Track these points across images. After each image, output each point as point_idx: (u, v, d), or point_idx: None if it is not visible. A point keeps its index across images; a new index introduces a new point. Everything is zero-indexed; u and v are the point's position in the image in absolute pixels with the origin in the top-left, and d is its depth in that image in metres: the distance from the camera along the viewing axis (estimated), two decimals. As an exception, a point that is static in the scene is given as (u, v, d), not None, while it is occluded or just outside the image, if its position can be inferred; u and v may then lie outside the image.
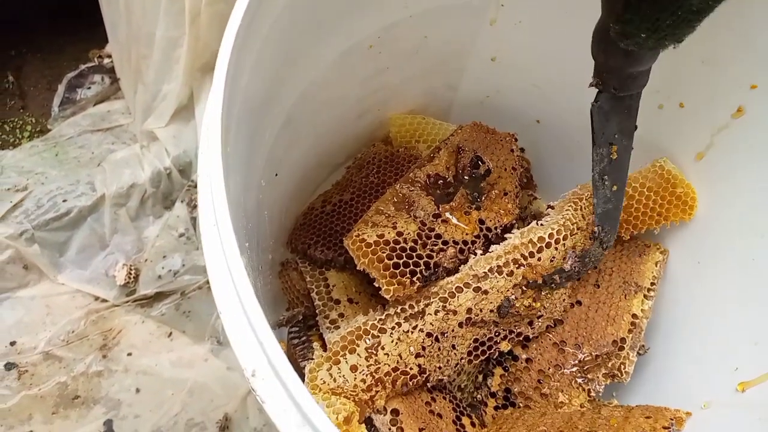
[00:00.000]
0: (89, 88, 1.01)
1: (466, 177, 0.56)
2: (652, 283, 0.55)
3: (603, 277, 0.56)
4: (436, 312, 0.48)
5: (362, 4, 0.53)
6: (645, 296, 0.55)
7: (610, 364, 0.52)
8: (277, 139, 0.51)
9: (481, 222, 0.53)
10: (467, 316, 0.48)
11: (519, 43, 0.61)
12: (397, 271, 0.48)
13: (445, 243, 0.51)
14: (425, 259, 0.49)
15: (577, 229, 0.52)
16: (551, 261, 0.50)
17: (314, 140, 0.61)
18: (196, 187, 0.85)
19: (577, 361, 0.52)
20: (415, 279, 0.48)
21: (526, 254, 0.49)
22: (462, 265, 0.50)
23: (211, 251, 0.35)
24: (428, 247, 0.49)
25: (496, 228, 0.53)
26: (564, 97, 0.62)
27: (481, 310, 0.48)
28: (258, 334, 0.30)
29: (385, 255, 0.48)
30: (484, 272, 0.48)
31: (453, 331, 0.48)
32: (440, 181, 0.56)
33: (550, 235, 0.50)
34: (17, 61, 1.02)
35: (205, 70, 0.87)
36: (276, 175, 0.54)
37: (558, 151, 0.65)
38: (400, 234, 0.50)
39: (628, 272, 0.56)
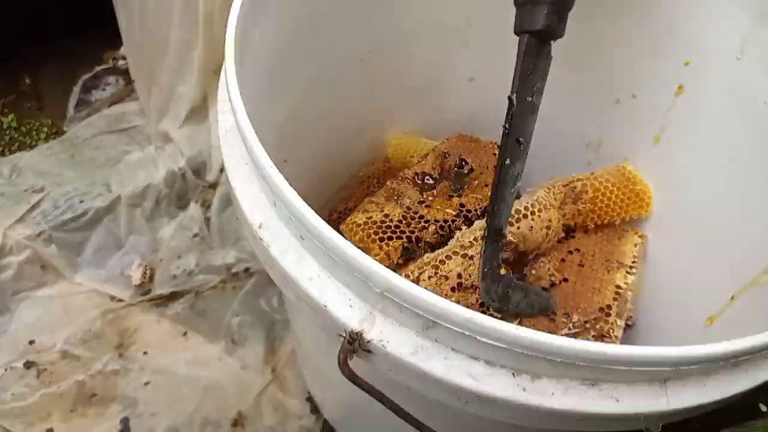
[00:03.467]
0: (104, 89, 1.02)
1: (451, 174, 0.61)
2: (633, 261, 0.59)
3: (586, 258, 0.59)
4: (429, 277, 0.50)
5: (351, 17, 0.56)
6: (627, 272, 0.58)
7: (598, 326, 0.54)
8: (284, 129, 0.53)
9: (462, 206, 0.58)
10: (458, 281, 0.50)
11: (492, 62, 0.63)
12: (383, 243, 0.53)
13: (426, 222, 0.56)
14: (408, 234, 0.54)
15: (550, 205, 0.56)
16: (530, 230, 0.54)
17: (317, 152, 0.63)
18: (210, 187, 0.86)
19: (566, 330, 0.54)
20: (398, 245, 0.53)
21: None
22: (448, 242, 0.54)
23: (226, 137, 0.37)
24: (411, 226, 0.55)
25: (475, 210, 0.58)
26: (541, 113, 0.65)
27: (470, 276, 0.51)
28: (262, 169, 0.31)
29: (372, 231, 0.53)
30: (469, 242, 0.52)
31: (446, 295, 0.50)
32: (426, 177, 0.62)
33: (525, 207, 0.54)
34: (33, 64, 1.04)
35: (219, 71, 0.88)
36: (285, 161, 0.55)
37: (541, 162, 0.69)
38: (386, 216, 0.55)
39: (610, 252, 0.60)
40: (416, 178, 0.61)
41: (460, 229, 0.55)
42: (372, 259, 0.28)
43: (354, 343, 0.29)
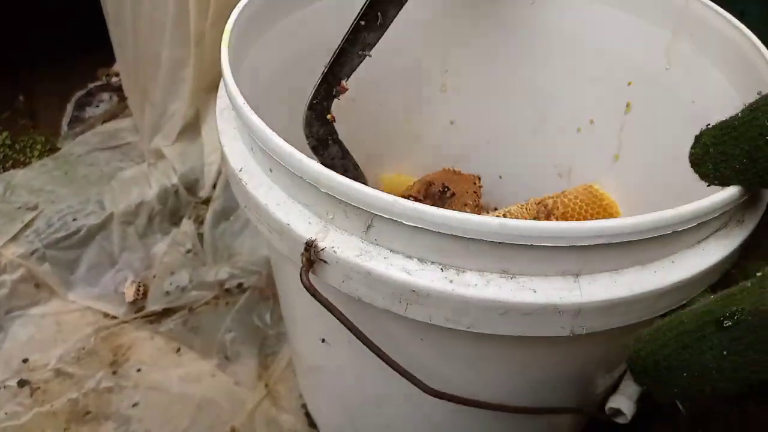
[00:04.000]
0: (97, 106, 1.03)
1: (435, 197, 0.65)
2: None
3: None
4: None
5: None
6: None
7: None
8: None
9: None
10: None
11: (468, 106, 0.69)
12: None
13: None
14: None
15: (522, 217, 0.59)
16: None
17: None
18: (202, 203, 0.87)
19: None
20: None
21: None
22: None
23: (222, 113, 0.44)
24: None
25: None
26: (516, 151, 0.71)
27: None
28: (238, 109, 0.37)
29: None
30: None
31: None
32: (411, 198, 0.65)
33: (498, 216, 0.56)
34: (28, 81, 1.05)
35: (210, 89, 0.89)
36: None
37: (518, 194, 0.73)
38: None
39: None
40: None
41: None
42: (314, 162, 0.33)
43: (310, 250, 0.34)
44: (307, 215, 0.36)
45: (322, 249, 0.34)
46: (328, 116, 0.52)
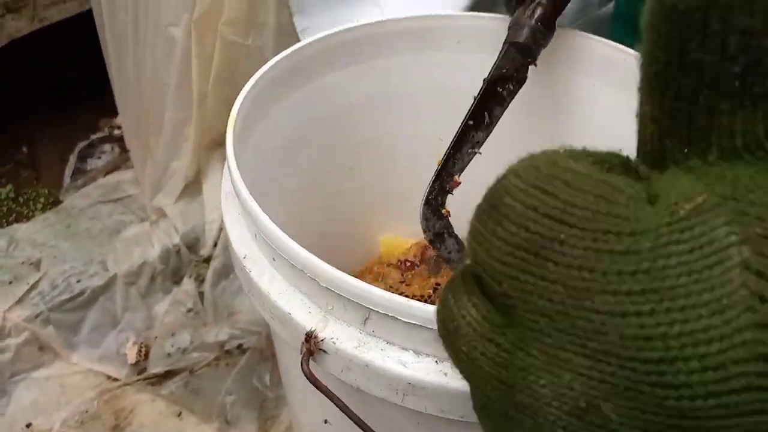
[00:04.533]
0: (99, 157, 1.05)
1: (431, 261, 0.66)
2: None
3: None
4: None
5: (340, 131, 0.62)
6: None
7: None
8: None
9: (437, 284, 0.63)
10: None
11: (473, 163, 0.70)
12: None
13: (405, 296, 0.59)
14: None
15: None
16: None
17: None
18: (203, 262, 0.88)
19: None
20: None
21: None
22: None
23: (226, 197, 0.45)
24: None
25: None
26: None
27: None
28: (236, 188, 0.38)
29: None
30: None
31: None
32: (408, 263, 0.67)
33: None
34: (31, 133, 1.06)
35: (212, 147, 0.91)
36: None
37: None
38: None
39: None
40: (399, 264, 0.67)
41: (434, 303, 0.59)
42: (315, 256, 0.35)
43: (310, 341, 0.35)
44: (308, 305, 0.38)
45: (322, 339, 0.36)
46: (443, 211, 0.55)
